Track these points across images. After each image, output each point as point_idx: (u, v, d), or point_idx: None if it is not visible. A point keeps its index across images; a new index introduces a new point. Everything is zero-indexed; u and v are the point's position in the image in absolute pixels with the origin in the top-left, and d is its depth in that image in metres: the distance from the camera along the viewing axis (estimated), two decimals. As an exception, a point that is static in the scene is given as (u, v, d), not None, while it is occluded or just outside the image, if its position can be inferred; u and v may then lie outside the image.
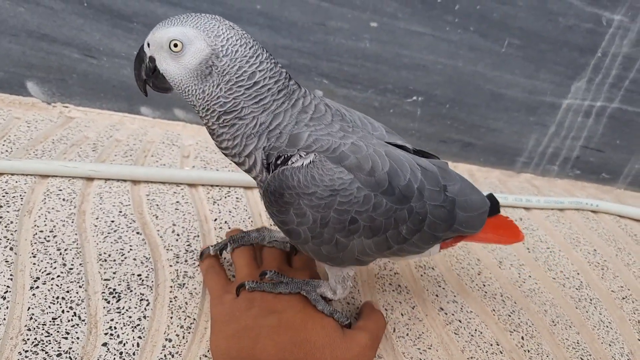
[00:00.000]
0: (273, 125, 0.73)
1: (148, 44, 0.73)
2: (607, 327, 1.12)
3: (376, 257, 0.83)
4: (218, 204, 1.16)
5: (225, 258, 1.00)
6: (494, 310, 1.07)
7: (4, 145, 1.17)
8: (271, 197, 0.72)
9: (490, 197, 0.93)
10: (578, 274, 1.27)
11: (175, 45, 0.69)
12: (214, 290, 0.87)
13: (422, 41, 1.40)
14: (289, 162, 0.72)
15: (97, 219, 1.03)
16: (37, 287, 0.84)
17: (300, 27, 1.34)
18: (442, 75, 1.47)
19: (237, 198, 1.20)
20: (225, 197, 1.19)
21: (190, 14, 0.71)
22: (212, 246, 0.95)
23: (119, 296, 0.87)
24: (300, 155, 0.72)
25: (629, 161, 1.75)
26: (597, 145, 1.70)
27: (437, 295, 1.07)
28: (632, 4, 1.38)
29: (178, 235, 1.04)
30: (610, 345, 1.07)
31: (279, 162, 0.73)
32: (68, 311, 0.81)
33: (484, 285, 1.14)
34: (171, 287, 0.91)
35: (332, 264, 0.82)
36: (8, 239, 0.91)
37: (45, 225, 0.97)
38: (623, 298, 1.22)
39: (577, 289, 1.21)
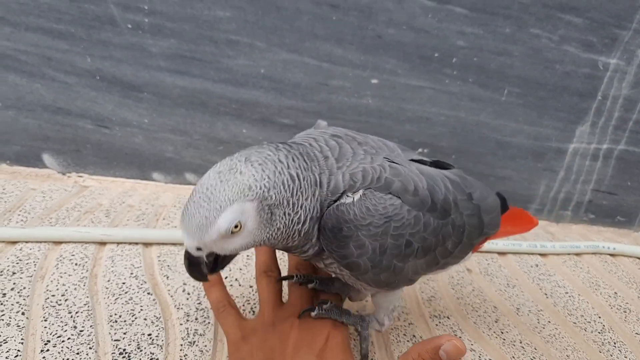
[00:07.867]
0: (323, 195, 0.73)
1: (198, 248, 0.67)
2: (635, 371, 1.07)
3: (425, 274, 0.84)
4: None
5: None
6: (513, 357, 1.04)
7: (19, 215, 1.21)
8: (330, 233, 0.71)
9: (498, 194, 0.97)
10: (600, 317, 1.23)
11: (236, 227, 0.65)
12: (230, 335, 0.84)
13: (423, 94, 1.43)
14: (340, 201, 0.71)
15: (108, 281, 1.03)
16: (48, 350, 0.84)
17: (303, 88, 1.38)
18: (446, 127, 1.50)
19: (247, 256, 1.20)
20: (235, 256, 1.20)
21: (205, 186, 0.66)
22: (296, 276, 0.94)
23: (128, 356, 0.86)
24: (347, 195, 0.71)
25: (643, 202, 1.73)
26: (609, 187, 1.68)
27: (454, 345, 1.04)
28: (626, 48, 1.41)
29: (188, 294, 1.04)
30: (640, 390, 1.03)
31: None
32: (78, 373, 0.81)
33: (502, 333, 1.11)
34: (181, 345, 0.91)
35: (388, 289, 0.82)
36: (20, 304, 0.92)
37: (57, 289, 0.98)
38: (650, 341, 1.18)
39: (599, 332, 1.17)
